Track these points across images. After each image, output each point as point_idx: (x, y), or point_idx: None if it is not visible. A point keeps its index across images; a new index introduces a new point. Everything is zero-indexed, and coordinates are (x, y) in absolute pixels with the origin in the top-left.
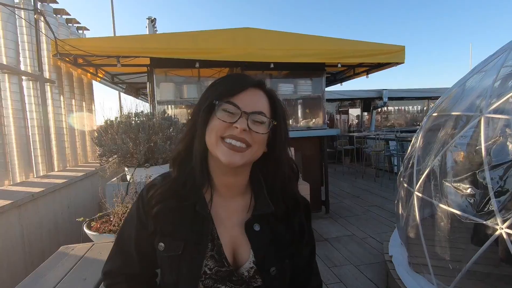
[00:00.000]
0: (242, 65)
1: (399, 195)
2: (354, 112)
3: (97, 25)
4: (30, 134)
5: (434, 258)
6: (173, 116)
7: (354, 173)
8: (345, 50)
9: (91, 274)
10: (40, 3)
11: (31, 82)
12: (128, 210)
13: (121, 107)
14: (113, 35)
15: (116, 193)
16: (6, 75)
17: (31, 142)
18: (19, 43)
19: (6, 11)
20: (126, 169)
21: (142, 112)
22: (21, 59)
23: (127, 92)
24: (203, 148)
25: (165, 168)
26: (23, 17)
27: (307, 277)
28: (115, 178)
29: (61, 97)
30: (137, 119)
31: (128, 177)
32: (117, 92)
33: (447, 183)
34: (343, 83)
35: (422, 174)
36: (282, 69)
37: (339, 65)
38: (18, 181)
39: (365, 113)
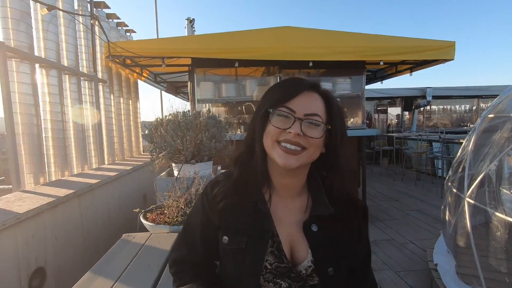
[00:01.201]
0: (280, 64)
1: (447, 200)
2: (394, 111)
3: (138, 26)
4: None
5: (487, 270)
6: (217, 115)
7: (392, 175)
8: (387, 47)
9: (154, 261)
10: (95, 9)
11: (86, 82)
12: (193, 204)
13: (162, 104)
14: (156, 36)
15: (170, 188)
16: (67, 76)
17: (86, 137)
18: (77, 46)
19: (67, 17)
20: (173, 165)
21: (188, 111)
22: (79, 61)
23: (167, 90)
24: (262, 150)
25: (209, 165)
26: (81, 23)
27: (363, 279)
28: (164, 173)
29: (111, 96)
30: (184, 118)
31: (175, 172)
32: (158, 90)
33: (505, 190)
34: (383, 81)
35: (475, 179)
36: (321, 67)
37: (381, 63)
38: (75, 173)
39: (406, 113)
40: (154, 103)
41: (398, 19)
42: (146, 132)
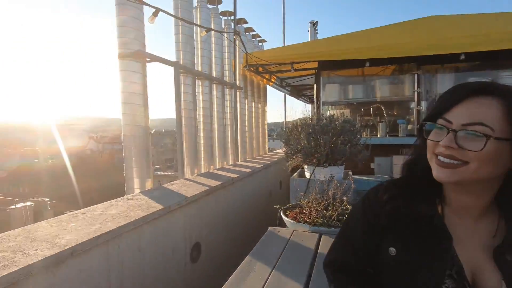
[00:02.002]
0: (418, 59)
1: None
2: None
3: (265, 34)
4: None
5: None
6: (351, 119)
7: None
8: None
9: (302, 257)
10: (237, 25)
11: (228, 89)
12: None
13: (285, 107)
14: (283, 43)
15: (302, 188)
16: (214, 85)
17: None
18: (222, 59)
19: (216, 36)
20: (305, 166)
21: (322, 115)
22: (223, 71)
23: (291, 94)
24: (426, 161)
25: (341, 169)
26: (226, 38)
27: None
28: (296, 174)
29: (246, 101)
30: (319, 122)
31: (307, 174)
32: (282, 94)
33: None
34: None
35: None
36: (477, 60)
37: None
38: (217, 167)
39: None
40: (272, 105)
41: None
42: (275, 135)
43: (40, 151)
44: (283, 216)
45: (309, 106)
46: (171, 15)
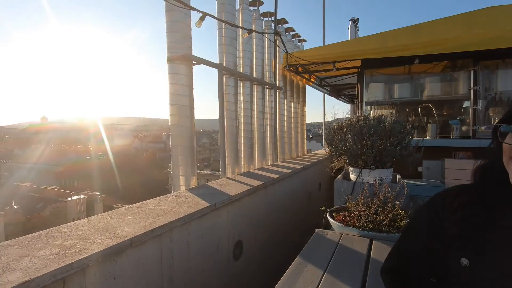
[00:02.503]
0: (476, 55)
1: None
2: None
3: (304, 33)
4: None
5: None
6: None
7: None
8: None
9: (354, 261)
10: (278, 25)
11: (267, 90)
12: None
13: (324, 107)
14: (322, 42)
15: (348, 191)
16: (255, 85)
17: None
18: (263, 60)
19: (257, 37)
20: (351, 168)
21: (369, 115)
22: (264, 72)
23: (330, 93)
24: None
25: (390, 172)
26: (266, 39)
27: None
28: (339, 176)
29: (285, 101)
30: (367, 122)
31: (352, 176)
32: (321, 94)
33: None
34: None
35: None
36: None
37: None
38: (257, 167)
39: None
40: (308, 105)
41: None
42: (311, 136)
43: (92, 149)
44: (329, 219)
45: (348, 106)
46: (216, 18)
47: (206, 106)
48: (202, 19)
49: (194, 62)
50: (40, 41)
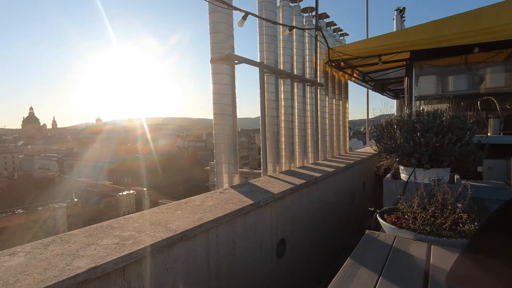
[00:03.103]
0: None
1: None
2: None
3: (345, 26)
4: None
5: None
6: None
7: None
8: None
9: (409, 266)
10: (319, 20)
11: (308, 87)
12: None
13: (368, 103)
14: (366, 35)
15: (399, 191)
16: (296, 83)
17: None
18: (303, 57)
19: (298, 33)
20: (401, 167)
21: (423, 110)
22: (304, 69)
23: (374, 89)
24: None
25: (447, 172)
26: (307, 35)
27: None
28: (389, 175)
29: (326, 98)
30: (421, 118)
31: (402, 176)
32: (364, 89)
33: None
34: None
35: None
36: None
37: None
38: (298, 166)
39: None
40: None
41: None
42: (351, 134)
43: (139, 148)
44: (380, 220)
45: (396, 102)
46: (257, 16)
47: (243, 105)
48: (244, 18)
49: (236, 61)
50: (97, 49)
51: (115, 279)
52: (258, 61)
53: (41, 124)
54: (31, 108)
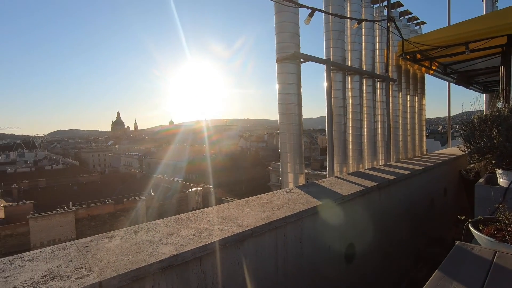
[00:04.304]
0: None
1: None
2: None
3: (422, 14)
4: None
5: None
6: None
7: None
8: None
9: None
10: (391, 10)
11: (378, 83)
12: None
13: (449, 98)
14: (447, 23)
15: (496, 199)
16: (364, 79)
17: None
18: (373, 51)
19: (367, 26)
20: (499, 171)
21: None
22: (374, 64)
23: (458, 82)
24: None
25: None
26: (377, 27)
27: None
28: (482, 179)
29: (399, 94)
30: None
31: (500, 180)
32: (445, 83)
33: None
34: None
35: None
36: None
37: None
38: (367, 167)
39: None
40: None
41: None
42: (426, 134)
43: (206, 148)
44: (474, 231)
45: (485, 96)
46: (325, 12)
47: (305, 104)
48: (311, 15)
49: (302, 59)
50: (169, 57)
51: (193, 267)
52: (324, 58)
53: (126, 126)
54: (118, 113)
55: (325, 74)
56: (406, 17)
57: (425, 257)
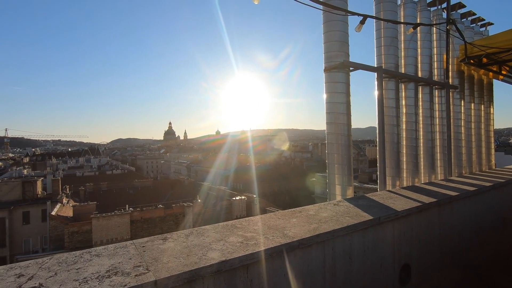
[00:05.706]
0: None
1: None
2: None
3: (489, 15)
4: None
5: None
6: None
7: None
8: None
9: None
10: (451, 12)
11: (436, 90)
12: None
13: None
14: None
15: None
16: (420, 87)
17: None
18: (431, 56)
19: (424, 31)
20: None
21: None
22: (432, 70)
23: None
24: None
25: None
26: (435, 31)
27: None
28: None
29: (461, 102)
30: None
31: None
32: None
33: None
34: None
35: None
36: None
37: None
38: (423, 181)
39: None
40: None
41: None
42: (496, 146)
43: (251, 157)
44: None
45: None
46: (377, 18)
47: (352, 114)
48: (362, 22)
49: (351, 68)
50: (217, 69)
51: (240, 274)
52: (375, 65)
53: (176, 136)
54: (170, 123)
55: (376, 82)
56: (469, 18)
57: (500, 284)
